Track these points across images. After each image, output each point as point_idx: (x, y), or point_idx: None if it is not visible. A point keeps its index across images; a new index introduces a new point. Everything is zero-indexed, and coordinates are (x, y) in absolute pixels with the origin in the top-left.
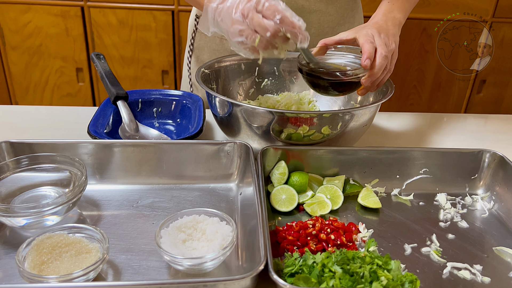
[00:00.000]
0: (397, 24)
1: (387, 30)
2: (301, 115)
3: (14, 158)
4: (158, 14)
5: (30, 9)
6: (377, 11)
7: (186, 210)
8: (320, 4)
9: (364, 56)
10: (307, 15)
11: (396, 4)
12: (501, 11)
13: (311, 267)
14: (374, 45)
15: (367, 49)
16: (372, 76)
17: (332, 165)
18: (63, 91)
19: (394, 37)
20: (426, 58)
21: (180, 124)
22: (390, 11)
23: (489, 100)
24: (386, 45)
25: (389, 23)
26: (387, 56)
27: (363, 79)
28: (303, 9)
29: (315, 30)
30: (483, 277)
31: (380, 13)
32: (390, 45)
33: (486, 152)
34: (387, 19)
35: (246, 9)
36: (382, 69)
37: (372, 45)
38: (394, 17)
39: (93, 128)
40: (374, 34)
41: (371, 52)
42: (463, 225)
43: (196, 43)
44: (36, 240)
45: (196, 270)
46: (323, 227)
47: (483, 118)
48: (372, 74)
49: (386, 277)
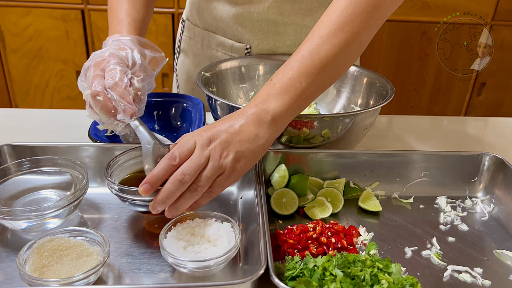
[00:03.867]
0: (265, 122)
1: (233, 136)
2: (302, 118)
3: (16, 161)
4: (158, 18)
5: (31, 12)
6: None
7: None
8: (296, 17)
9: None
10: (282, 27)
11: (277, 85)
12: (500, 14)
13: (312, 270)
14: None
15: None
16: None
17: (332, 168)
18: (63, 94)
19: (241, 146)
20: (426, 61)
21: (180, 127)
22: (265, 99)
23: (489, 103)
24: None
25: (249, 123)
26: (182, 180)
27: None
28: (276, 23)
29: (291, 42)
30: (483, 280)
31: (253, 101)
32: (217, 159)
33: (486, 155)
34: (252, 113)
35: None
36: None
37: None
38: (266, 109)
39: (94, 131)
40: (198, 141)
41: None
42: (463, 228)
43: (182, 46)
44: (37, 243)
45: (201, 273)
46: (323, 231)
47: (483, 121)
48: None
49: (387, 280)
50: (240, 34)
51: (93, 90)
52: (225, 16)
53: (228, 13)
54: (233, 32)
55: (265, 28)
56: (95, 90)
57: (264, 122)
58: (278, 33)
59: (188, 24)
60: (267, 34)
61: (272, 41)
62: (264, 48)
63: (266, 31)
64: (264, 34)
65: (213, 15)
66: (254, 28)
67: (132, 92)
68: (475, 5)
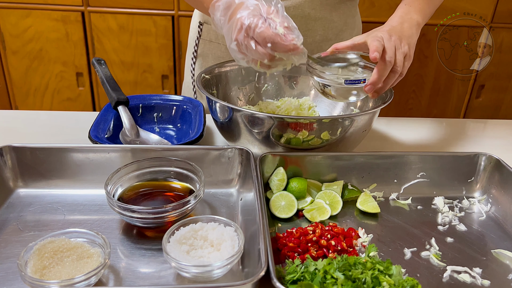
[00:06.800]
0: (414, 25)
1: (401, 32)
2: (301, 120)
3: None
4: (158, 19)
5: (31, 14)
6: (394, 14)
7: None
8: (325, 11)
9: (371, 49)
10: (313, 23)
11: (413, 6)
12: (499, 16)
13: (313, 273)
14: (382, 43)
15: (375, 44)
16: (380, 71)
17: (330, 171)
18: (63, 95)
19: (409, 39)
20: (425, 63)
21: (180, 129)
22: (407, 12)
23: (488, 105)
24: (396, 48)
25: (405, 25)
26: (391, 61)
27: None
28: (309, 17)
29: (320, 37)
30: (482, 280)
31: (396, 16)
32: (401, 47)
33: (482, 155)
34: (403, 21)
35: (240, 39)
36: (389, 67)
37: (380, 43)
38: (411, 18)
39: (94, 133)
40: (384, 36)
41: (378, 47)
42: (461, 228)
43: (200, 50)
44: (38, 244)
45: (204, 278)
46: (323, 233)
47: (482, 123)
48: (379, 68)
49: (388, 282)
50: None
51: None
52: None
53: None
54: None
55: (296, 25)
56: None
57: (413, 25)
58: (308, 29)
59: (207, 27)
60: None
61: (303, 37)
62: None
63: (298, 28)
64: None
65: None
66: None
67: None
68: (474, 7)
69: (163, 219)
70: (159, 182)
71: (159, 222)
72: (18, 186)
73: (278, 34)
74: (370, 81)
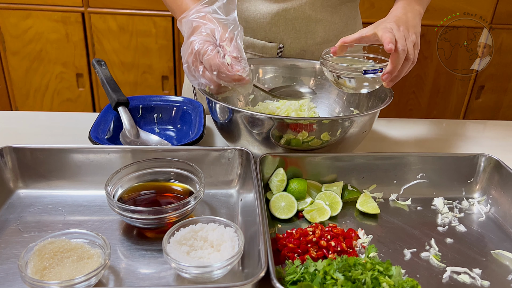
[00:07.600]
0: (417, 14)
1: (407, 22)
2: (301, 121)
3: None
4: (158, 20)
5: (31, 15)
6: (396, 5)
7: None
8: (326, 13)
9: (386, 41)
10: (313, 25)
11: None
12: (499, 17)
13: (312, 274)
14: (393, 33)
15: (388, 36)
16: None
17: (330, 172)
18: (63, 96)
19: (415, 28)
20: (425, 64)
21: (180, 130)
22: (409, 3)
23: (488, 106)
24: (405, 38)
25: (409, 15)
26: (404, 50)
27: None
28: (310, 19)
29: (320, 39)
30: (482, 281)
31: (399, 6)
32: (409, 37)
33: (482, 156)
34: (406, 11)
35: (189, 62)
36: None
37: (392, 34)
38: (413, 8)
39: (94, 134)
40: (393, 27)
41: (392, 38)
42: (461, 229)
43: None
44: (38, 245)
45: (204, 278)
46: (323, 234)
47: (481, 124)
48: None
49: (388, 283)
50: (272, 34)
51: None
52: (258, 16)
53: (263, 13)
54: (265, 33)
55: (297, 27)
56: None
57: (416, 14)
58: (309, 31)
59: None
60: (299, 32)
61: (304, 39)
62: (296, 47)
63: (298, 30)
64: (296, 33)
65: (244, 16)
66: (287, 27)
67: (229, 60)
68: (474, 8)
69: (163, 220)
70: (159, 183)
71: (159, 223)
72: (18, 187)
73: (225, 63)
74: (387, 70)
